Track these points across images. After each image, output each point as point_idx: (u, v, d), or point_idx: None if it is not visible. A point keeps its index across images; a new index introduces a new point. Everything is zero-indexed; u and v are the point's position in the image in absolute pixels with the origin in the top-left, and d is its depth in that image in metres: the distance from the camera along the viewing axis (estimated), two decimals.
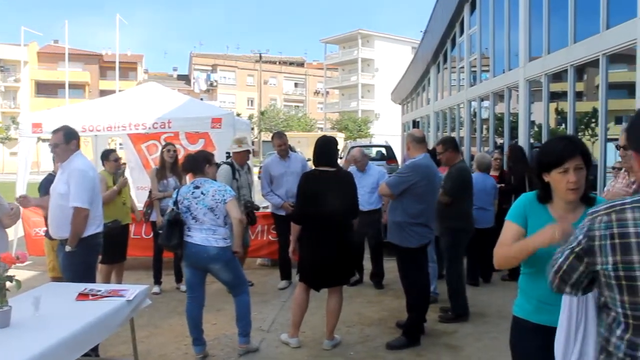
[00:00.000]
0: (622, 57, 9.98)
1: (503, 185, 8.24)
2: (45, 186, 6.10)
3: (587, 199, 2.66)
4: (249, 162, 7.72)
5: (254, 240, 8.37)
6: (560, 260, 1.93)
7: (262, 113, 56.48)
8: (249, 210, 7.27)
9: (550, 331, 2.36)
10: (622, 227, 1.74)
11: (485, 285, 7.72)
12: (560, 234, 2.31)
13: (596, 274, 1.84)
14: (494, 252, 2.79)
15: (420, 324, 5.53)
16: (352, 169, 7.55)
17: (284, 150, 7.44)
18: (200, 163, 5.17)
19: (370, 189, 7.35)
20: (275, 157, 7.63)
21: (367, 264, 7.79)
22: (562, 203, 2.68)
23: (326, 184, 5.12)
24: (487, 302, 6.83)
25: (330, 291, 5.31)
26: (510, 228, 2.81)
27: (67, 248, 4.71)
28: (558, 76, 12.22)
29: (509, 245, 2.73)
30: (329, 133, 48.60)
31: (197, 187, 5.02)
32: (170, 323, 6.05)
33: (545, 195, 2.76)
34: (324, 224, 5.09)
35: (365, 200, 7.25)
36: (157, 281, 7.40)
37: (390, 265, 6.51)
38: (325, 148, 5.30)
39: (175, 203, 5.04)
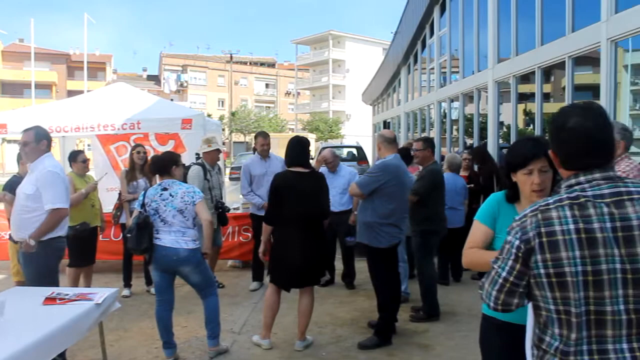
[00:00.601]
0: (587, 60, 10.19)
1: (472, 185, 8.33)
2: (10, 187, 5.99)
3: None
4: (219, 162, 7.68)
5: (225, 241, 8.32)
6: (504, 274, 1.90)
7: (232, 114, 56.19)
8: (221, 211, 7.24)
9: (517, 328, 2.39)
10: (549, 226, 1.80)
11: (456, 284, 7.80)
12: None
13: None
14: (463, 252, 2.84)
15: (391, 324, 5.56)
16: (323, 169, 7.56)
17: (267, 150, 7.44)
18: (167, 164, 5.11)
19: (341, 190, 7.37)
20: (256, 157, 7.61)
21: (339, 265, 7.81)
22: (528, 203, 2.71)
23: (300, 184, 5.12)
24: (457, 301, 6.90)
25: (302, 292, 5.31)
26: (478, 229, 2.86)
27: (30, 242, 4.57)
28: (526, 77, 12.41)
29: (477, 248, 2.79)
30: (300, 134, 48.55)
31: (165, 189, 4.96)
32: (141, 326, 5.99)
33: (513, 195, 2.81)
34: (297, 224, 5.09)
35: (337, 201, 7.28)
36: (127, 284, 7.31)
37: (362, 266, 6.53)
38: (299, 149, 5.29)
39: (143, 205, 4.96)
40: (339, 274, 7.76)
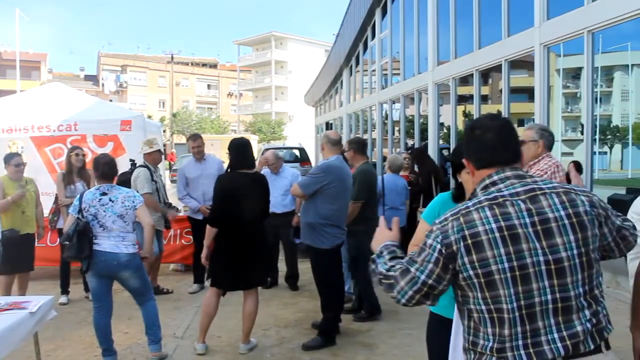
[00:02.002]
0: (522, 63, 10.52)
1: (412, 185, 8.46)
2: None
3: None
4: (160, 164, 7.58)
5: (167, 245, 8.19)
6: (423, 277, 1.94)
7: (174, 115, 55.33)
8: (165, 215, 7.16)
9: None
10: (472, 228, 1.86)
11: None
12: None
13: (455, 278, 1.95)
14: (409, 250, 2.88)
15: (335, 324, 5.59)
16: (265, 171, 7.55)
17: (199, 152, 7.37)
18: (113, 170, 5.01)
19: (284, 191, 7.36)
20: (191, 160, 7.55)
21: (282, 266, 7.80)
22: None
23: (243, 186, 5.08)
24: None
25: (247, 294, 5.27)
26: (423, 228, 2.94)
27: None
28: (465, 80, 12.71)
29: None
30: (243, 135, 48.27)
31: (104, 194, 4.82)
32: (80, 334, 5.81)
33: (459, 195, 2.89)
34: (241, 226, 5.05)
35: (279, 202, 7.28)
36: (65, 291, 7.09)
37: (305, 267, 6.55)
38: (242, 150, 5.25)
39: (80, 211, 4.79)
40: (283, 276, 7.75)
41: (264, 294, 7.26)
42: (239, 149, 5.24)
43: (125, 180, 6.85)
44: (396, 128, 18.27)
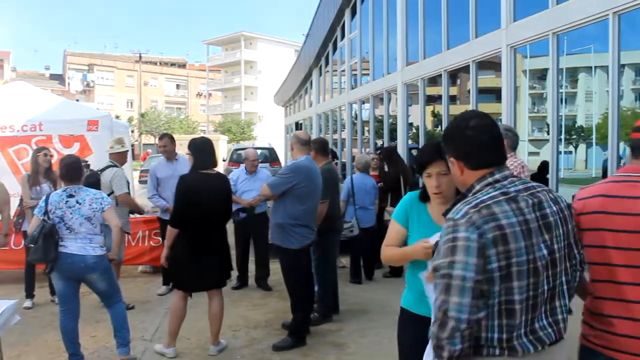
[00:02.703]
0: (490, 64, 10.66)
1: (381, 184, 8.49)
2: None
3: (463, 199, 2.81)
4: (128, 165, 7.51)
5: (136, 246, 8.09)
6: (471, 274, 1.79)
7: (142, 115, 54.71)
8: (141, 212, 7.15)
9: (429, 322, 2.48)
10: (496, 221, 1.86)
11: (368, 282, 7.92)
12: (429, 254, 2.50)
13: None
14: (382, 249, 2.96)
15: (305, 324, 5.58)
16: (241, 171, 7.51)
17: (165, 151, 7.30)
18: (81, 169, 4.93)
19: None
20: (162, 160, 7.48)
21: (252, 267, 7.75)
22: (436, 204, 2.83)
23: (206, 186, 5.03)
24: (370, 299, 7.02)
25: (211, 295, 5.21)
26: (393, 227, 2.97)
27: None
28: (433, 80, 12.82)
29: (392, 245, 2.91)
30: (212, 135, 47.92)
31: (71, 196, 4.73)
32: (45, 339, 5.69)
33: (425, 195, 2.91)
34: (204, 226, 4.99)
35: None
36: (29, 294, 6.93)
37: (275, 267, 6.53)
38: (205, 149, 5.19)
39: (46, 213, 4.70)
40: (253, 276, 7.70)
41: (234, 295, 7.23)
42: (201, 149, 5.17)
43: (95, 182, 6.76)
44: (366, 128, 18.36)
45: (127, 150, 7.19)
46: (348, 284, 7.43)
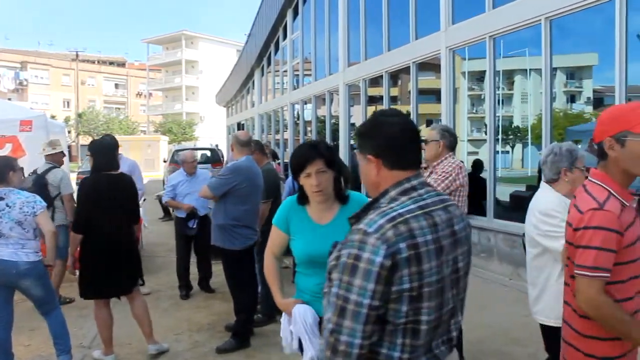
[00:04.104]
0: (429, 66, 10.85)
1: None
2: None
3: (341, 197, 2.86)
4: (64, 166, 7.28)
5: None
6: (367, 300, 1.67)
7: (79, 115, 53.16)
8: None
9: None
10: (413, 238, 1.72)
11: None
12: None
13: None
14: (265, 255, 3.17)
15: (249, 326, 5.54)
16: (180, 174, 7.39)
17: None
18: (3, 170, 4.65)
19: None
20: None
21: (194, 269, 7.64)
22: (315, 204, 2.87)
23: (113, 188, 4.88)
24: None
25: (130, 298, 5.09)
26: (274, 232, 3.05)
27: None
28: (375, 81, 12.96)
29: (274, 252, 3.11)
30: (153, 136, 47.11)
31: (0, 199, 4.54)
32: None
33: (302, 197, 2.97)
34: (111, 230, 4.82)
35: (201, 205, 7.17)
36: None
37: (218, 269, 6.45)
38: (108, 151, 5.03)
39: None
40: (195, 279, 7.58)
41: (175, 297, 7.14)
42: (105, 150, 5.01)
43: (44, 184, 6.55)
44: (308, 128, 18.40)
45: (61, 152, 6.97)
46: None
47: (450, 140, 4.50)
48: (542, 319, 3.33)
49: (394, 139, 1.88)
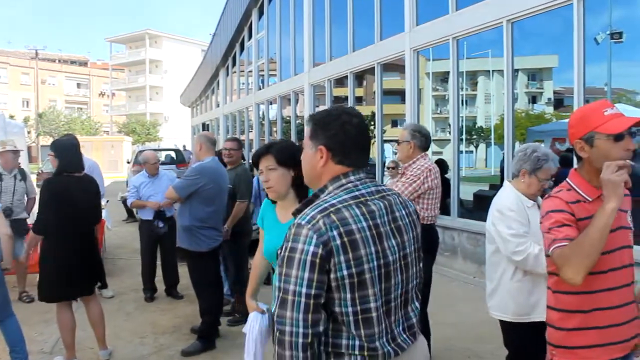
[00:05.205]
0: (394, 66, 10.92)
1: None
2: None
3: (301, 195, 2.88)
4: (24, 167, 7.09)
5: (34, 253, 7.65)
6: (305, 290, 1.73)
7: (40, 115, 52.03)
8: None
9: None
10: (346, 226, 1.78)
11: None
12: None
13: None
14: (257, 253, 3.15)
15: (214, 327, 5.50)
16: (142, 175, 7.29)
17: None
18: None
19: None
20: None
21: (159, 271, 7.54)
22: (279, 202, 2.90)
23: (77, 189, 4.78)
24: None
25: (86, 301, 5.00)
26: (260, 231, 3.06)
27: None
28: (340, 81, 13.00)
29: (259, 257, 3.15)
30: (116, 137, 46.43)
31: None
32: None
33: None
34: (74, 231, 4.74)
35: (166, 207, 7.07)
36: None
37: (183, 270, 6.38)
38: (71, 151, 4.92)
39: None
40: (160, 281, 7.48)
41: (140, 300, 7.05)
42: (66, 150, 4.90)
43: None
44: (273, 129, 18.36)
45: (10, 151, 6.79)
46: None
47: (421, 141, 4.45)
48: (498, 314, 3.40)
49: (350, 139, 1.95)
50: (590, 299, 2.25)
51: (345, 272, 1.75)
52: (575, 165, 2.41)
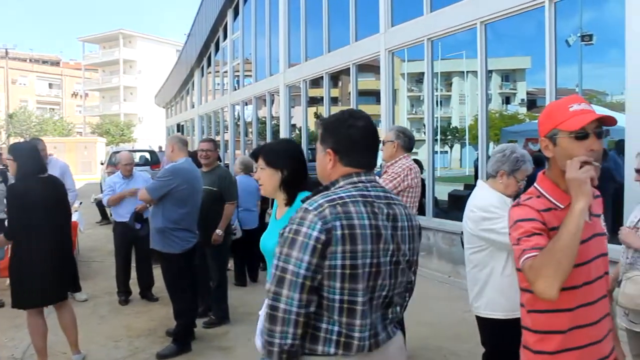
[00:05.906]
0: (369, 67, 10.97)
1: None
2: None
3: (289, 195, 2.88)
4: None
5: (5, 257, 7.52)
6: (303, 271, 1.84)
7: (10, 116, 51.17)
8: None
9: None
10: (349, 219, 1.89)
11: (253, 284, 7.89)
12: None
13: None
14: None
15: (190, 330, 5.46)
16: (117, 176, 7.21)
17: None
18: None
19: None
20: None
21: (133, 273, 7.46)
22: (277, 199, 2.91)
23: (44, 192, 4.69)
24: (255, 301, 6.95)
25: (59, 307, 4.91)
26: None
27: None
28: (315, 82, 13.01)
29: None
30: (89, 138, 45.90)
31: None
32: None
33: None
34: (45, 235, 4.64)
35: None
36: None
37: (157, 272, 6.32)
38: (33, 153, 4.81)
39: None
40: (134, 284, 7.39)
41: (114, 303, 6.97)
42: (28, 154, 4.80)
43: None
44: (249, 129, 18.32)
45: None
46: (233, 287, 7.36)
47: (405, 141, 4.61)
48: (487, 313, 3.36)
49: (355, 142, 2.06)
50: (567, 317, 2.02)
51: (339, 262, 1.87)
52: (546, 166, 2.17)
